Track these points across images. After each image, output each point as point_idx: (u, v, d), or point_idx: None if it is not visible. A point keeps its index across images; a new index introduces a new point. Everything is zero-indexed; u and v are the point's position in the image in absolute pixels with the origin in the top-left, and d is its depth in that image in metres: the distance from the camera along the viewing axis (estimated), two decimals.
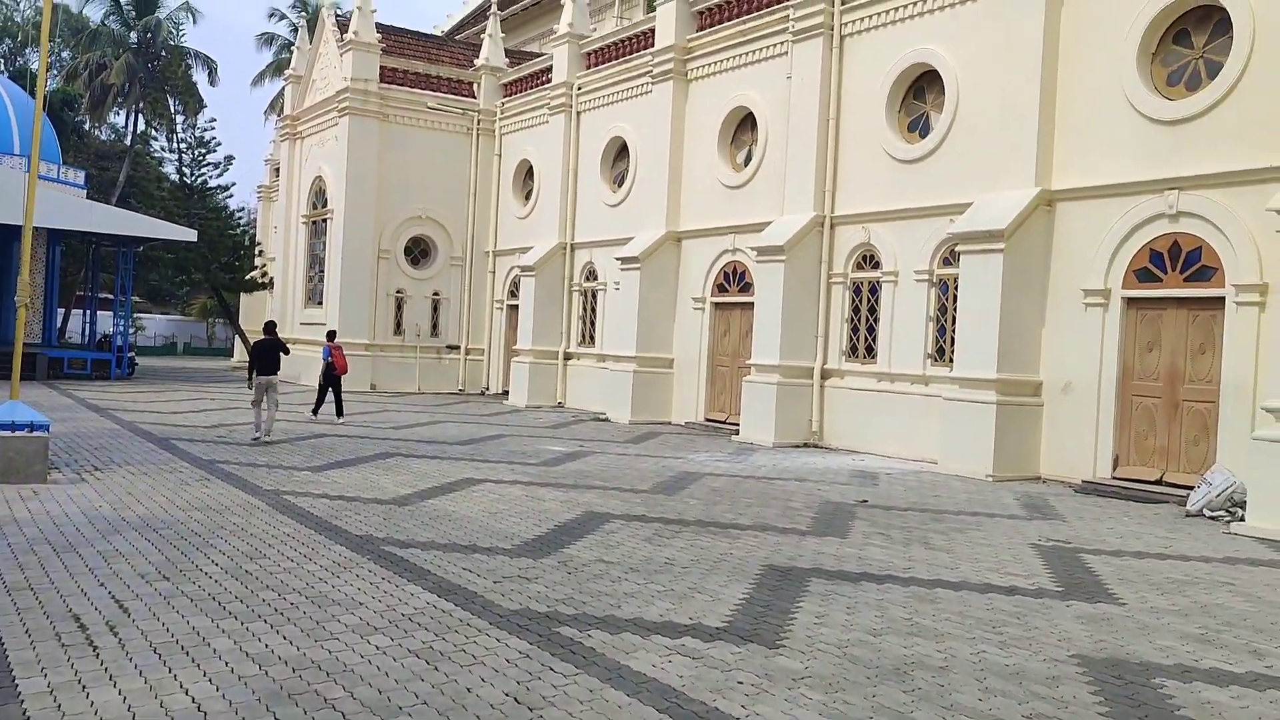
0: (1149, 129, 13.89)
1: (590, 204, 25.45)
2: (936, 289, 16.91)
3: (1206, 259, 13.32)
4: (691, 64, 22.09)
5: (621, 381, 22.42)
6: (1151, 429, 13.90)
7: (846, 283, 18.48)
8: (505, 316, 29.20)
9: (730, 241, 20.93)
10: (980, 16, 16.19)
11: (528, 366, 25.93)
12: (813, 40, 18.83)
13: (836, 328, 18.60)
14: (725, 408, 21.22)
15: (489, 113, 29.62)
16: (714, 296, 21.55)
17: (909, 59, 17.36)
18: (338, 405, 20.11)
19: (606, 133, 24.92)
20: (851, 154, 18.40)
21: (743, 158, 21.23)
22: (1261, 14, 12.78)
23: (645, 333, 22.28)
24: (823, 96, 18.68)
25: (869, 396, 17.83)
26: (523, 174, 28.82)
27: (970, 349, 15.22)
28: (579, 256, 25.85)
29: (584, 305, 25.80)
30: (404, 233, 29.06)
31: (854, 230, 18.27)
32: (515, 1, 40.17)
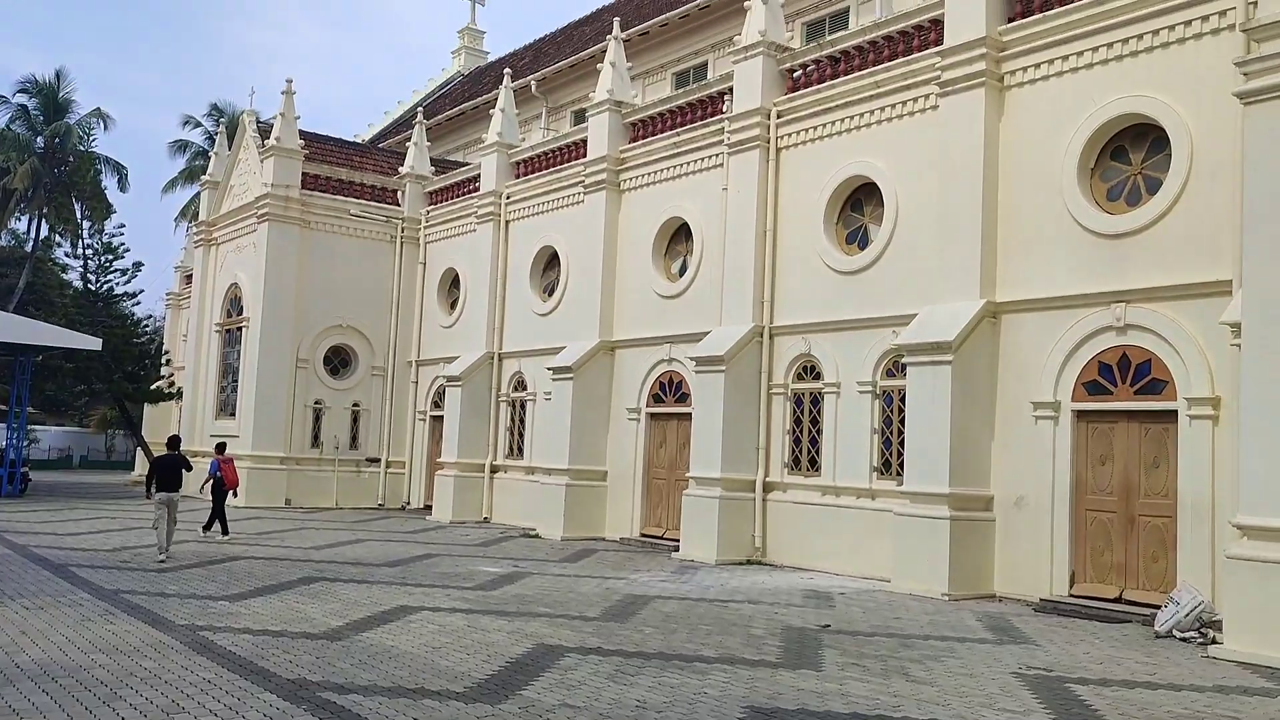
0: (1093, 242, 13.96)
1: (519, 313, 24.92)
2: (880, 401, 16.64)
3: (1157, 372, 13.26)
4: (625, 174, 21.97)
5: (553, 495, 21.60)
6: (1108, 545, 13.61)
7: (787, 394, 18.13)
8: (428, 428, 28.24)
9: (666, 351, 20.53)
10: (919, 130, 16.32)
11: (453, 480, 24.95)
12: (749, 152, 18.83)
13: (778, 439, 18.17)
14: (662, 522, 20.51)
15: (414, 221, 29.13)
16: (650, 407, 21.03)
17: (847, 171, 17.40)
18: (223, 523, 18.98)
19: (537, 241, 24.57)
20: (790, 265, 18.26)
21: (678, 268, 21.00)
22: (1198, 132, 13.01)
23: (578, 444, 21.59)
24: (760, 208, 18.59)
25: (813, 511, 17.33)
26: (448, 282, 28.23)
27: (920, 462, 14.87)
28: (507, 366, 25.20)
29: (512, 416, 25.05)
30: (324, 342, 28.10)
31: (794, 341, 18.01)
32: (440, 111, 40.18)
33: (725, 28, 26.25)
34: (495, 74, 40.22)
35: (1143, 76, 13.64)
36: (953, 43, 15.52)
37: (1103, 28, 14.03)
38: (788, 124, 18.45)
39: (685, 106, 20.98)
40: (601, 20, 35.63)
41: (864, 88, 17.19)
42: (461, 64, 47.59)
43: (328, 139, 30.47)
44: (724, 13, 26.20)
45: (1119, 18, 13.86)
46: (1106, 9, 13.97)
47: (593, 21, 37.03)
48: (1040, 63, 14.78)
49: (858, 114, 17.33)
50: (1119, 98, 13.87)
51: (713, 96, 20.33)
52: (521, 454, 24.54)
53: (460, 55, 48.06)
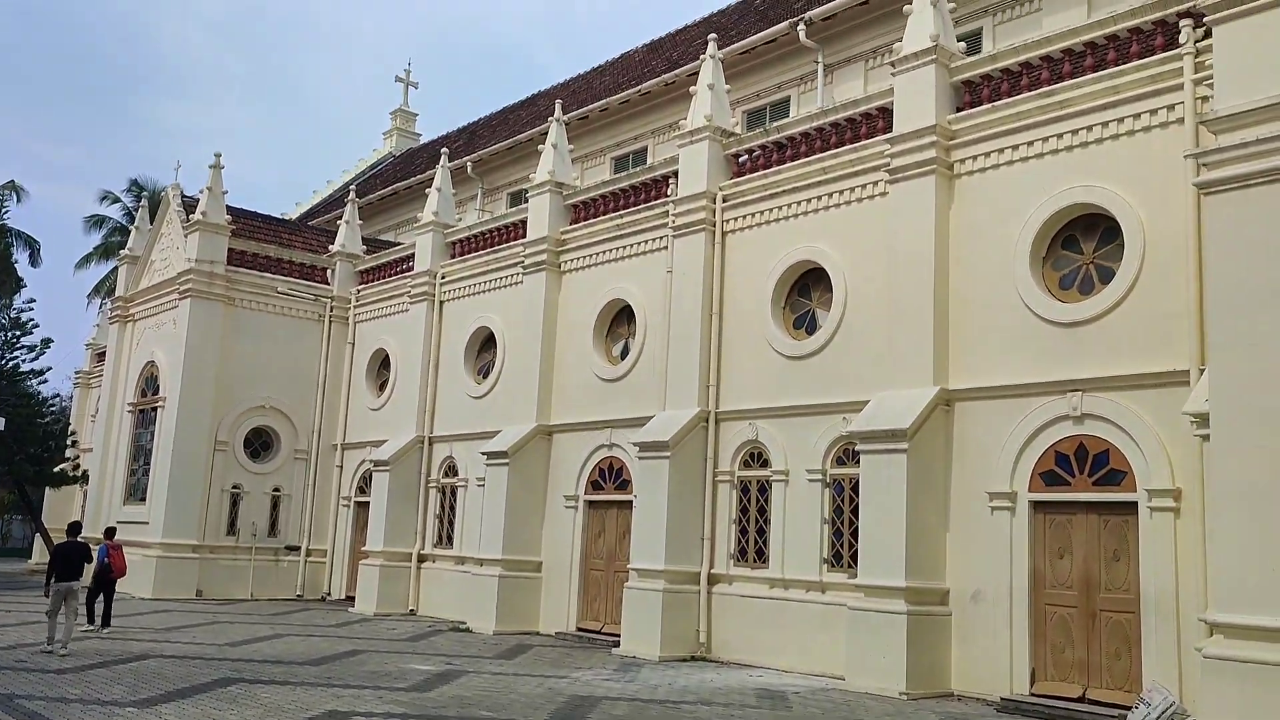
0: (1047, 330, 13.84)
1: (452, 396, 24.16)
2: (831, 490, 16.21)
3: (1115, 462, 13.05)
4: (565, 255, 21.59)
5: (485, 587, 20.64)
6: (1068, 641, 13.22)
7: (734, 481, 17.62)
8: (353, 515, 27.06)
9: (607, 436, 19.93)
10: (868, 216, 16.23)
11: (378, 569, 23.80)
12: (694, 235, 18.58)
13: (724, 529, 17.59)
14: (600, 616, 19.66)
15: (343, 300, 28.32)
16: (588, 494, 20.33)
17: (794, 256, 17.21)
18: (105, 613, 17.88)
19: (472, 322, 23.95)
20: (736, 349, 17.91)
21: (619, 350, 20.54)
22: (1150, 223, 13.04)
23: (512, 533, 20.73)
24: (706, 291, 18.29)
25: (761, 604, 16.70)
26: (378, 363, 27.38)
27: (875, 554, 14.41)
28: (438, 451, 24.31)
29: (442, 503, 24.09)
30: (245, 423, 26.91)
31: (741, 426, 17.57)
32: (370, 191, 39.63)
33: (666, 114, 26.30)
34: (428, 155, 40.00)
35: (1094, 167, 13.71)
36: (902, 130, 15.51)
37: (1052, 119, 14.13)
38: (734, 208, 18.28)
39: (628, 189, 20.75)
40: (537, 105, 35.66)
41: (812, 173, 17.11)
42: (393, 145, 47.23)
43: (255, 215, 29.65)
44: (665, 99, 26.28)
45: (1069, 109, 13.98)
46: (1057, 100, 14.08)
47: (528, 106, 37.06)
48: (990, 151, 14.83)
49: (805, 199, 17.22)
50: (1070, 187, 13.91)
51: (656, 180, 20.13)
52: (451, 543, 23.55)
53: (392, 136, 47.71)
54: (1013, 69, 14.88)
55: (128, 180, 54.37)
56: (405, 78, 48.37)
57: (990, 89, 15.14)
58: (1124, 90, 13.41)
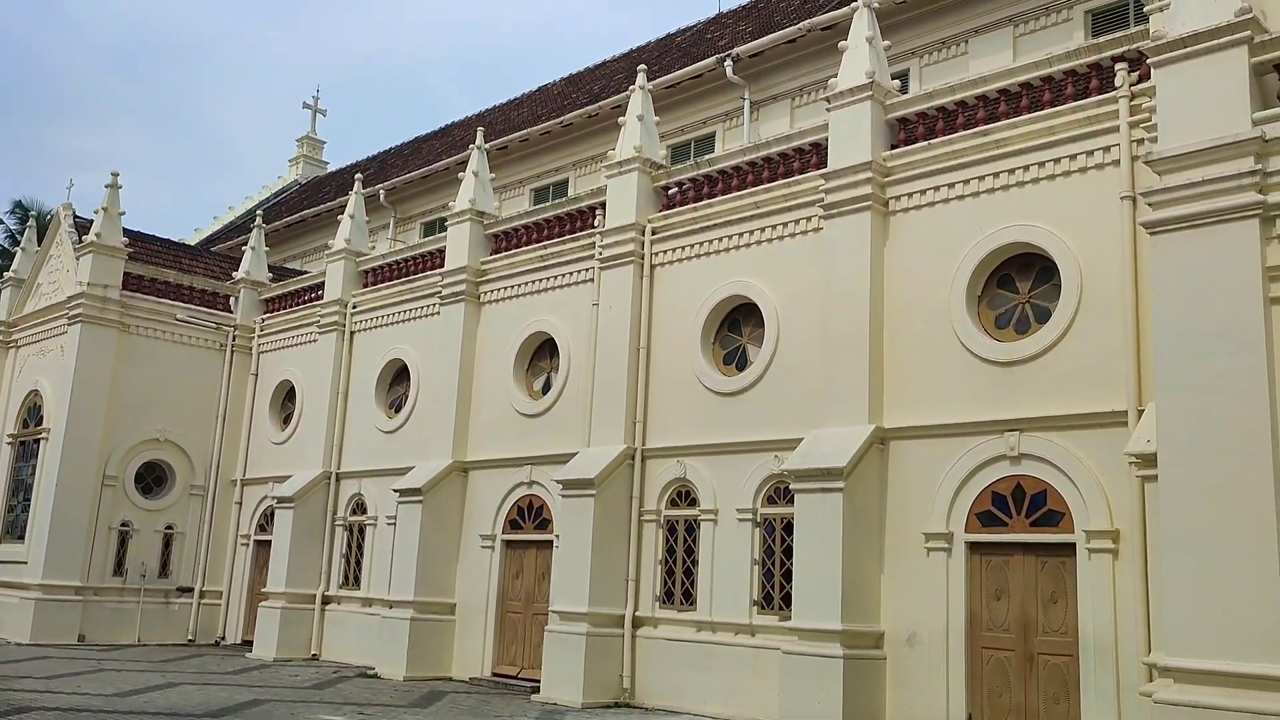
0: (984, 370, 13.73)
1: (362, 430, 23.18)
2: (762, 529, 15.82)
3: (1053, 503, 12.94)
4: (486, 286, 20.96)
5: (396, 630, 19.66)
6: (1006, 685, 13.00)
7: (660, 521, 17.12)
8: (252, 554, 25.72)
9: (527, 474, 19.26)
10: (801, 252, 16.03)
11: (279, 612, 22.57)
12: (622, 268, 18.18)
13: (649, 570, 17.05)
14: (518, 660, 18.88)
15: (246, 329, 27.11)
16: (506, 534, 19.59)
17: (725, 290, 16.91)
18: None
19: (384, 354, 23.06)
20: (665, 385, 17.49)
21: (541, 385, 19.94)
22: (1087, 262, 13.07)
23: (425, 574, 19.83)
24: (634, 324, 17.86)
25: (688, 648, 16.16)
26: (282, 395, 26.22)
27: (810, 596, 14.02)
28: (346, 487, 23.27)
29: (349, 542, 23.02)
30: (137, 457, 25.43)
31: (669, 464, 17.12)
32: (275, 218, 38.39)
33: (588, 145, 26.01)
34: (337, 183, 39.06)
35: (1029, 206, 13.71)
36: (837, 165, 15.37)
37: (988, 158, 14.13)
38: (663, 240, 17.94)
39: (553, 219, 20.27)
40: (451, 135, 35.07)
41: (744, 207, 16.87)
42: (299, 172, 45.96)
43: (154, 239, 28.33)
44: (587, 130, 25.96)
45: (1004, 149, 13.98)
46: (992, 139, 14.10)
47: (442, 136, 36.41)
48: (926, 189, 14.76)
49: (737, 233, 16.96)
50: (1006, 226, 13.87)
51: (582, 210, 19.70)
52: (359, 584, 22.48)
53: (298, 164, 46.44)
54: (948, 107, 14.89)
55: (11, 202, 52.00)
56: (313, 104, 47.27)
57: (925, 127, 15.12)
58: (1060, 131, 13.47)
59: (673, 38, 29.41)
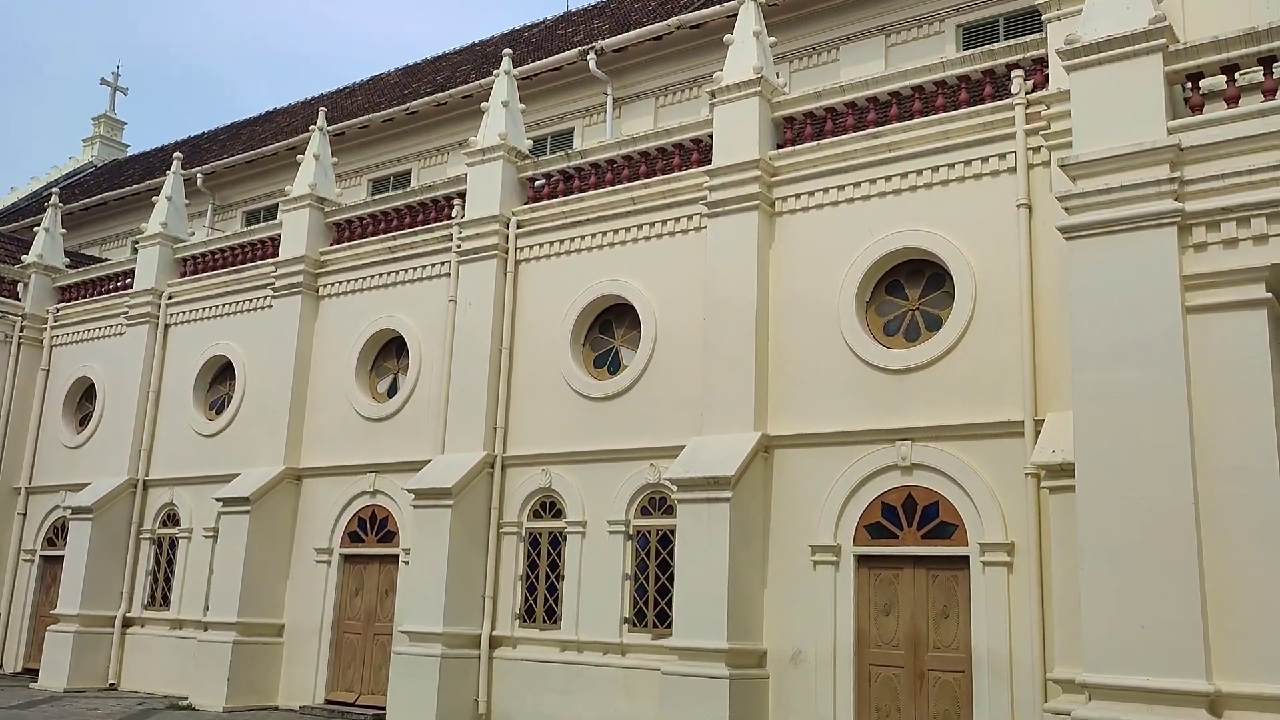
0: (874, 377, 13.33)
1: (176, 433, 20.94)
2: (635, 542, 14.95)
3: (945, 514, 12.62)
4: (325, 279, 19.29)
5: (215, 655, 17.68)
6: (895, 703, 12.58)
7: (521, 534, 16.00)
8: (37, 571, 22.87)
9: (370, 482, 17.73)
10: (682, 252, 15.29)
11: (72, 637, 20.03)
12: (483, 262, 16.99)
13: (509, 586, 15.89)
14: (355, 685, 17.28)
15: (37, 319, 24.19)
16: (344, 547, 17.96)
17: (598, 290, 16.00)
18: None
19: (205, 350, 20.92)
20: (529, 388, 16.40)
21: (386, 386, 18.45)
22: (981, 270, 12.86)
23: (251, 592, 17.95)
24: (495, 323, 16.70)
25: (551, 669, 15.10)
26: (79, 394, 23.51)
27: (693, 613, 13.25)
28: (155, 496, 20.94)
29: (157, 557, 20.71)
30: None
31: (533, 473, 16.02)
32: (71, 200, 34.89)
33: (434, 135, 24.63)
34: (143, 165, 35.99)
35: (922, 212, 13.43)
36: (722, 163, 14.74)
37: (880, 160, 13.79)
38: (529, 235, 16.88)
39: (404, 209, 18.83)
40: (275, 121, 32.73)
41: (619, 203, 16.02)
42: (95, 154, 42.06)
43: None
44: (434, 120, 24.54)
45: (896, 153, 13.68)
46: (884, 142, 13.77)
47: (264, 122, 33.93)
48: (815, 190, 14.30)
49: (611, 230, 16.08)
50: (897, 231, 13.56)
51: (437, 200, 18.37)
52: (167, 604, 20.22)
53: (94, 144, 42.47)
54: (838, 108, 14.50)
55: None
56: (113, 81, 43.32)
57: (814, 127, 14.69)
58: (954, 136, 13.24)
59: (519, 33, 28.31)
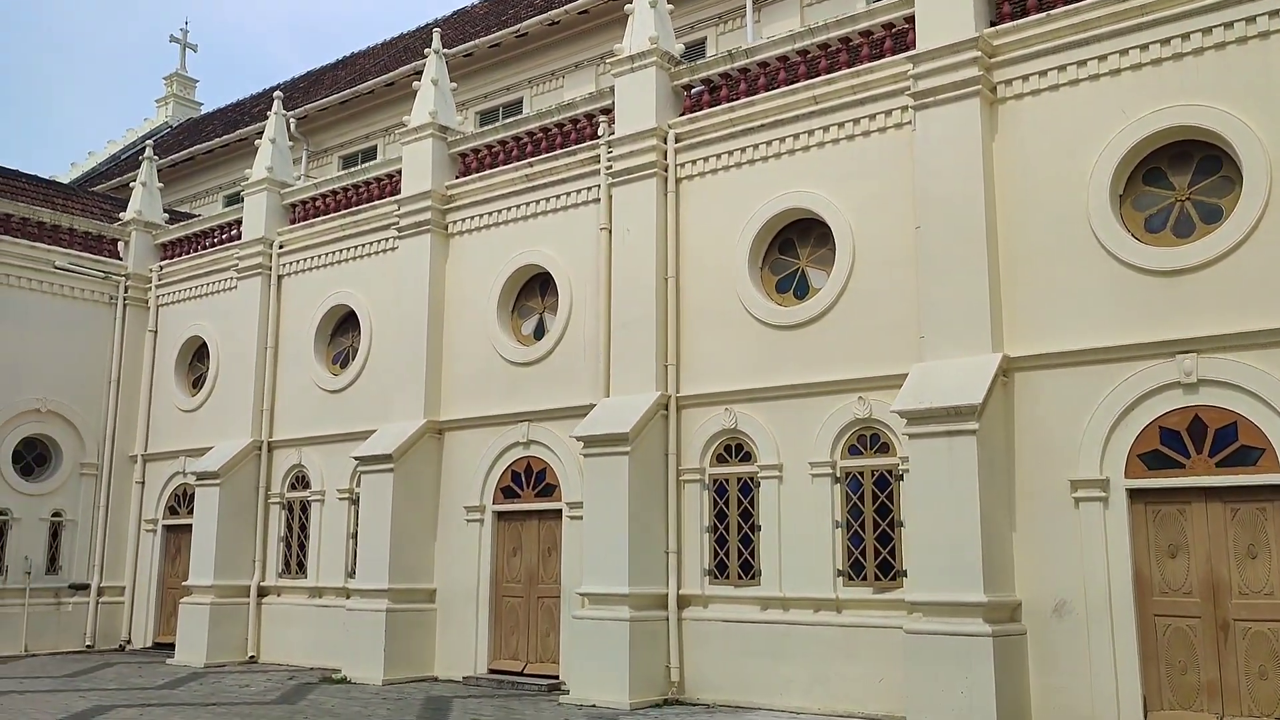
0: (1140, 282, 11.41)
1: (299, 391, 19.54)
2: (844, 485, 13.25)
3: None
4: (455, 214, 17.63)
5: (368, 625, 16.33)
6: (1191, 658, 10.81)
7: (705, 480, 14.38)
8: (160, 542, 21.83)
9: (523, 432, 16.11)
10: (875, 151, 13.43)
11: (208, 609, 18.88)
12: (640, 183, 15.16)
13: (694, 540, 14.27)
14: (520, 653, 15.85)
15: (141, 278, 22.96)
16: (498, 504, 16.45)
17: (780, 203, 14.20)
18: None
19: (324, 300, 19.39)
20: (702, 320, 14.66)
21: (531, 328, 16.85)
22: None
23: (400, 556, 16.58)
24: (659, 250, 14.94)
25: (752, 630, 13.54)
26: (190, 354, 22.30)
27: (933, 563, 11.53)
28: (281, 458, 19.63)
29: (289, 523, 19.47)
30: (13, 431, 21.13)
31: (713, 413, 14.35)
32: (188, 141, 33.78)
33: (544, 59, 23.21)
34: (221, 120, 34.77)
35: (1196, 83, 11.43)
36: (931, 45, 12.78)
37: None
38: (690, 149, 15.02)
39: (538, 132, 17.06)
40: (357, 64, 31.17)
41: (799, 103, 14.11)
42: (170, 114, 40.93)
43: (19, 174, 23.79)
44: (543, 42, 22.88)
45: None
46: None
47: (346, 66, 32.27)
48: (1048, 69, 12.32)
49: (789, 135, 14.17)
50: (1161, 109, 11.57)
51: (576, 120, 16.64)
52: (303, 571, 19.01)
53: (168, 104, 41.37)
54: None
55: None
56: (182, 38, 42.10)
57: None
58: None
59: None
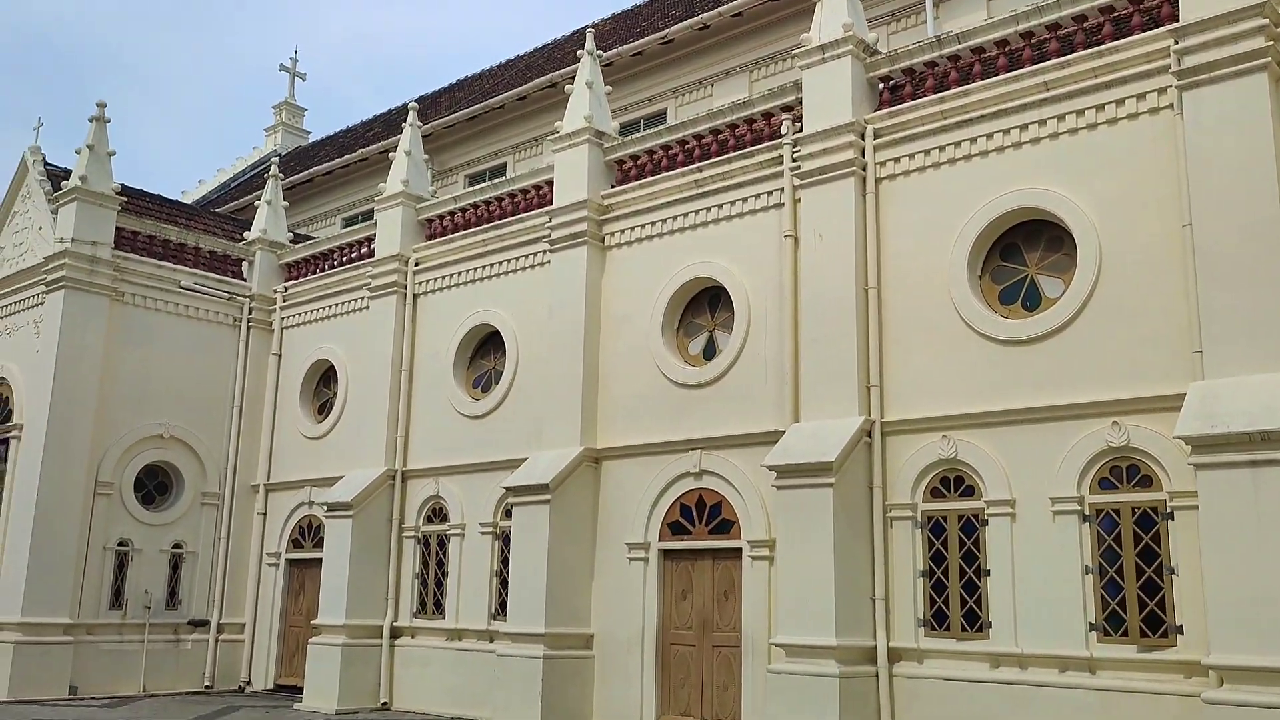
0: None
1: (436, 416, 18.22)
2: (1096, 525, 11.44)
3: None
4: (611, 225, 16.15)
5: (522, 672, 14.80)
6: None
7: (918, 518, 12.59)
8: (283, 576, 20.59)
9: (694, 461, 14.52)
10: (1130, 141, 11.72)
11: (340, 650, 17.54)
12: (834, 184, 13.56)
13: (906, 584, 12.53)
14: (693, 708, 14.17)
15: (265, 299, 22.01)
16: (664, 540, 14.87)
17: (1005, 202, 12.52)
18: None
19: (464, 320, 18.04)
20: (909, 334, 12.98)
21: (699, 347, 15.32)
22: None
23: (556, 597, 15.04)
24: (858, 257, 13.33)
25: (979, 691, 11.73)
26: (316, 379, 21.20)
27: (1243, 617, 9.73)
28: (416, 489, 18.30)
29: (424, 558, 18.10)
30: (136, 458, 20.16)
31: (927, 442, 12.61)
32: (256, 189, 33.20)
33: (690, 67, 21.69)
34: (334, 146, 34.00)
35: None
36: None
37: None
38: (892, 145, 13.44)
39: (708, 135, 15.53)
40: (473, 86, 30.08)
41: (1026, 90, 12.50)
42: (278, 142, 40.57)
43: (144, 193, 23.05)
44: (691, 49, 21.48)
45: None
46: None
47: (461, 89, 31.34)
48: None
49: (1015, 126, 12.58)
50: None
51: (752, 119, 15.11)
52: (440, 611, 17.59)
53: (277, 133, 41.03)
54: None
55: None
56: (291, 67, 41.84)
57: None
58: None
59: None
